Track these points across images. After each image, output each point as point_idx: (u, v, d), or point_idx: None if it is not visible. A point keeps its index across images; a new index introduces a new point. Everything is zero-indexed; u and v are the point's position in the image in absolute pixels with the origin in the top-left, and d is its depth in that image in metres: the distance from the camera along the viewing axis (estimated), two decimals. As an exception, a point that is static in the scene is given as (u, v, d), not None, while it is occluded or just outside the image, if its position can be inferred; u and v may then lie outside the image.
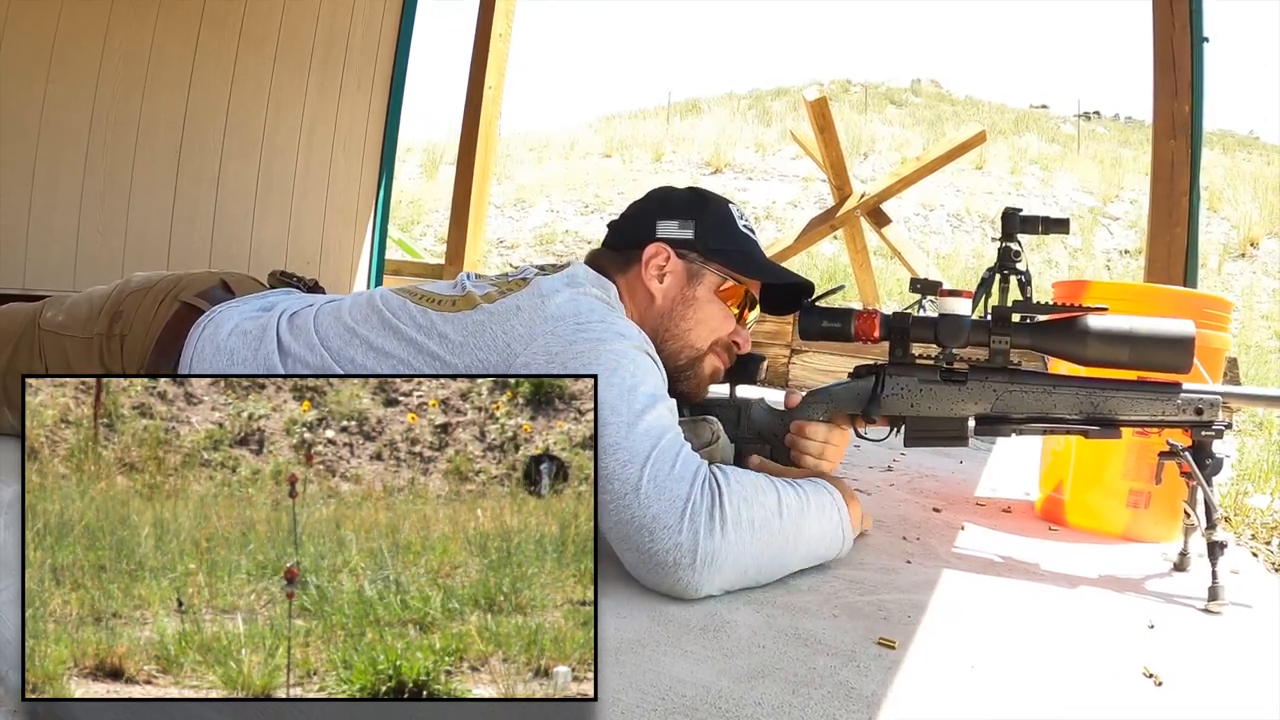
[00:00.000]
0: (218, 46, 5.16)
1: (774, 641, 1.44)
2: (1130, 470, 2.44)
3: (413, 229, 15.95)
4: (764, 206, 17.54)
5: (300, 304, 2.03)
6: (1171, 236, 5.10)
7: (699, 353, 2.01)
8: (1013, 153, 20.11)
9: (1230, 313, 2.50)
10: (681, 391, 1.98)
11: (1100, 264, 15.09)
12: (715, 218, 2.03)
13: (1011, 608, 1.79)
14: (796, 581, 1.77)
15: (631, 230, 2.06)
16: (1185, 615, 1.83)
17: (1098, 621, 1.75)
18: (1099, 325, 1.94)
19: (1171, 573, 2.15)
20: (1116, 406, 2.00)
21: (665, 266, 1.99)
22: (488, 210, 7.44)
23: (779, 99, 26.77)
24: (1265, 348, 11.47)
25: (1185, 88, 5.12)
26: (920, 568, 1.98)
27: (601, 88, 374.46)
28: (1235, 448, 4.27)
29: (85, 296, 2.14)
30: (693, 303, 1.99)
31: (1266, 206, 16.50)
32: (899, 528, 2.33)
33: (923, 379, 2.03)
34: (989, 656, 1.49)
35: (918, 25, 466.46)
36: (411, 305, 1.85)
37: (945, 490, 2.92)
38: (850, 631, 1.53)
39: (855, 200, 8.58)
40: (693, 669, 1.31)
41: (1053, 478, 2.64)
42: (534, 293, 1.75)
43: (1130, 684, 1.44)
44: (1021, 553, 2.20)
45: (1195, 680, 1.48)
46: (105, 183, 4.72)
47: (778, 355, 6.20)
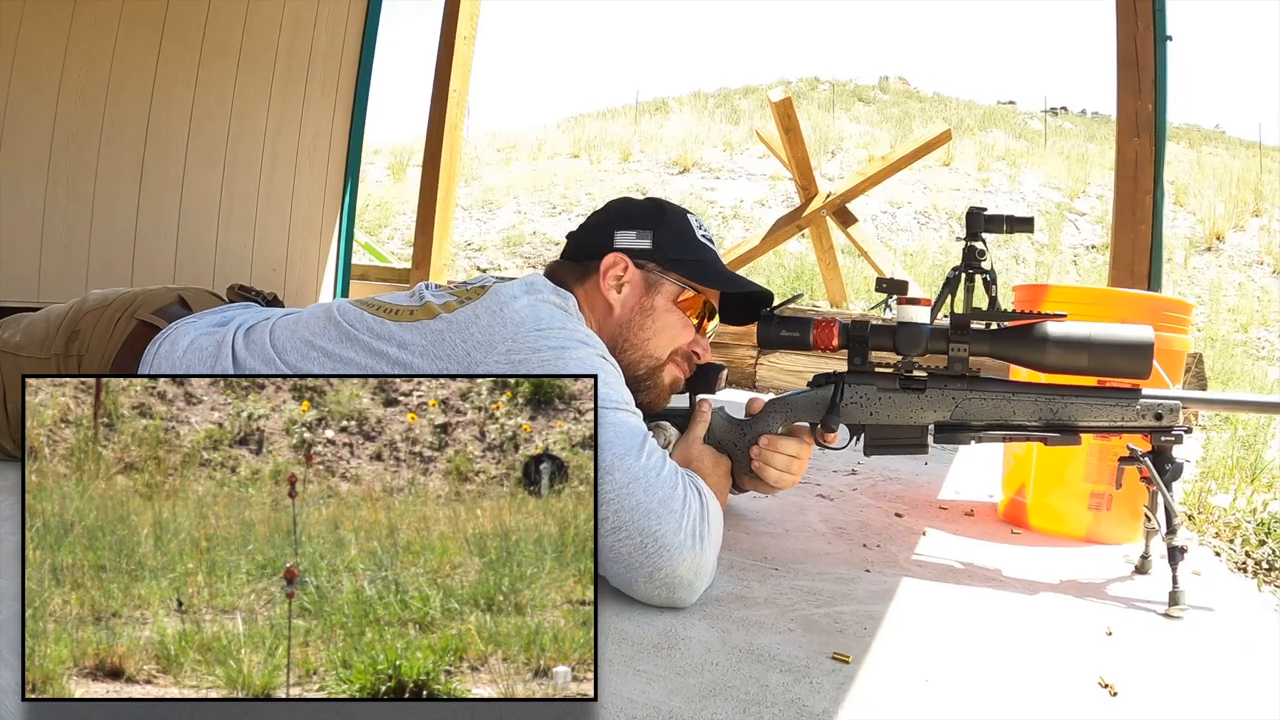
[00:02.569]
0: (180, 54, 5.12)
1: (727, 658, 1.44)
2: (1092, 473, 2.44)
3: (380, 232, 15.92)
4: (731, 206, 17.58)
5: (256, 318, 2.01)
6: (1136, 234, 5.13)
7: (658, 362, 2.01)
8: (980, 149, 20.23)
9: (1190, 314, 2.51)
10: (642, 402, 1.98)
11: (1067, 259, 15.19)
12: (673, 228, 2.02)
13: (969, 617, 1.78)
14: (754, 593, 1.76)
15: (590, 241, 2.05)
16: (1145, 621, 1.83)
17: (1056, 630, 1.75)
18: (1058, 332, 1.94)
19: (1133, 575, 2.15)
20: (1076, 413, 2.00)
21: (623, 277, 1.98)
22: (454, 213, 7.42)
23: (747, 97, 26.85)
24: (1231, 341, 11.57)
25: (1149, 86, 5.15)
26: (880, 576, 1.97)
27: (568, 87, 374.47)
28: (1201, 444, 4.29)
29: (42, 316, 2.12)
30: (651, 312, 1.99)
31: (1232, 200, 16.65)
32: (860, 534, 2.33)
33: (882, 387, 2.03)
34: (944, 669, 1.49)
35: (885, 23, 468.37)
36: (369, 316, 1.84)
37: (908, 494, 2.92)
38: (805, 646, 1.52)
39: (821, 200, 8.60)
40: (645, 688, 1.30)
41: (1015, 480, 2.64)
42: (492, 300, 1.74)
43: (1085, 695, 1.43)
44: (983, 558, 2.20)
45: (1150, 689, 1.48)
46: (68, 191, 4.68)
47: (744, 356, 6.21)
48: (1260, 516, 2.82)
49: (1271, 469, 3.68)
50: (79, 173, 4.74)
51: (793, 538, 2.22)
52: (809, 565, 1.99)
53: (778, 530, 1.97)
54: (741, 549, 2.07)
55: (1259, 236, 15.78)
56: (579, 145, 21.62)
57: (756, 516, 2.39)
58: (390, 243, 15.63)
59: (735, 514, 2.33)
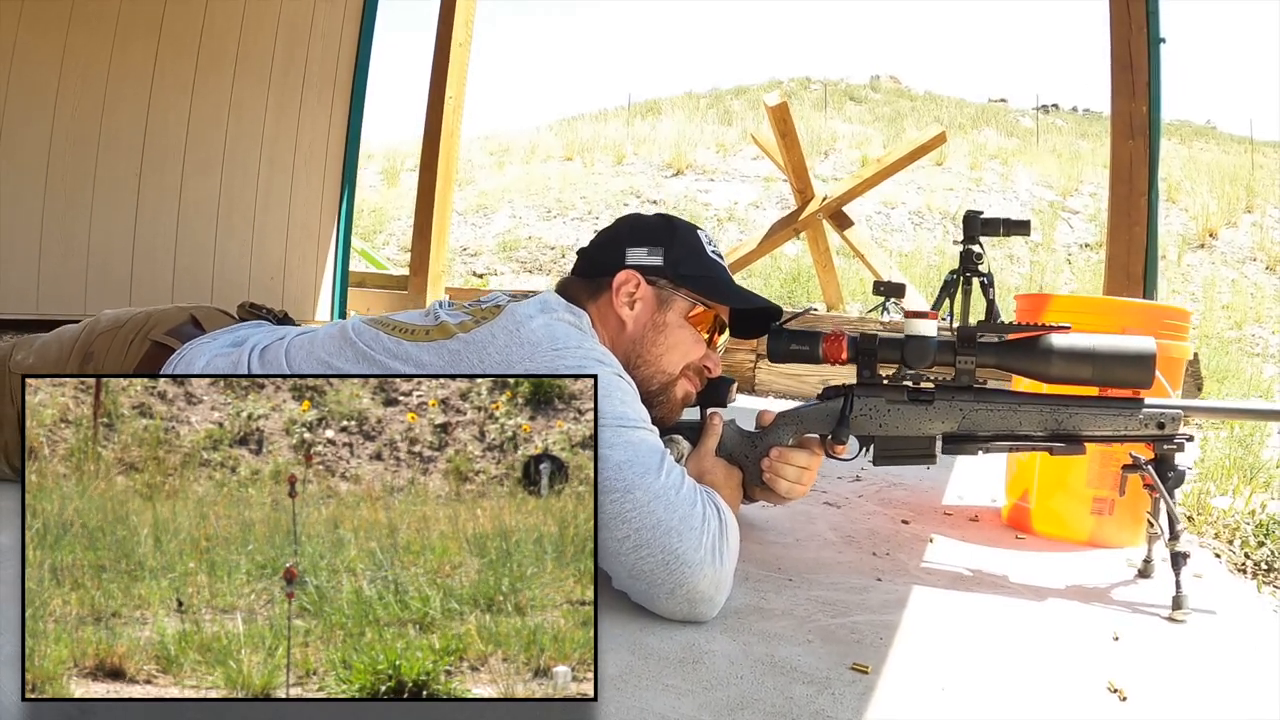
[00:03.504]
0: (176, 63, 5.15)
1: (752, 671, 1.47)
2: (1094, 478, 2.48)
3: (375, 238, 15.90)
4: (726, 208, 17.58)
5: (271, 338, 2.03)
6: (1131, 236, 5.16)
7: (670, 378, 2.03)
8: (972, 148, 20.26)
9: (1189, 322, 2.55)
10: (655, 417, 2.00)
11: (1061, 258, 15.22)
12: (684, 245, 2.05)
13: (981, 624, 1.82)
14: (771, 604, 1.80)
15: (601, 258, 2.07)
16: (1150, 625, 1.86)
17: (1064, 635, 1.79)
18: (1062, 344, 1.98)
19: (1136, 579, 2.19)
20: (1080, 423, 2.03)
21: (636, 293, 2.01)
22: (451, 219, 7.44)
23: (739, 98, 26.86)
24: (1226, 339, 11.60)
25: (1143, 88, 5.18)
26: (891, 585, 2.01)
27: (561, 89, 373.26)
28: (1199, 444, 4.32)
29: (54, 337, 2.14)
30: (663, 328, 2.01)
31: (1224, 197, 16.68)
32: (869, 542, 2.36)
33: (890, 399, 2.06)
34: (959, 677, 1.52)
35: (876, 22, 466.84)
36: (384, 336, 1.86)
37: (913, 500, 2.96)
38: (824, 657, 1.55)
39: (817, 203, 8.63)
40: (675, 703, 1.33)
41: (1019, 485, 2.68)
42: (508, 320, 1.76)
43: (1095, 700, 1.47)
44: (990, 564, 2.24)
45: (1158, 692, 1.51)
46: (65, 203, 4.70)
47: (743, 360, 6.24)
48: (1259, 518, 2.86)
49: (1269, 469, 3.72)
50: (77, 183, 4.76)
51: (804, 547, 2.26)
52: (822, 575, 2.02)
53: (789, 540, 2.01)
54: (755, 559, 2.10)
55: (1252, 233, 15.81)
56: (572, 148, 21.61)
57: (766, 526, 2.43)
58: (385, 249, 15.62)
59: (746, 523, 2.35)
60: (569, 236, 16.08)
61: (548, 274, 14.70)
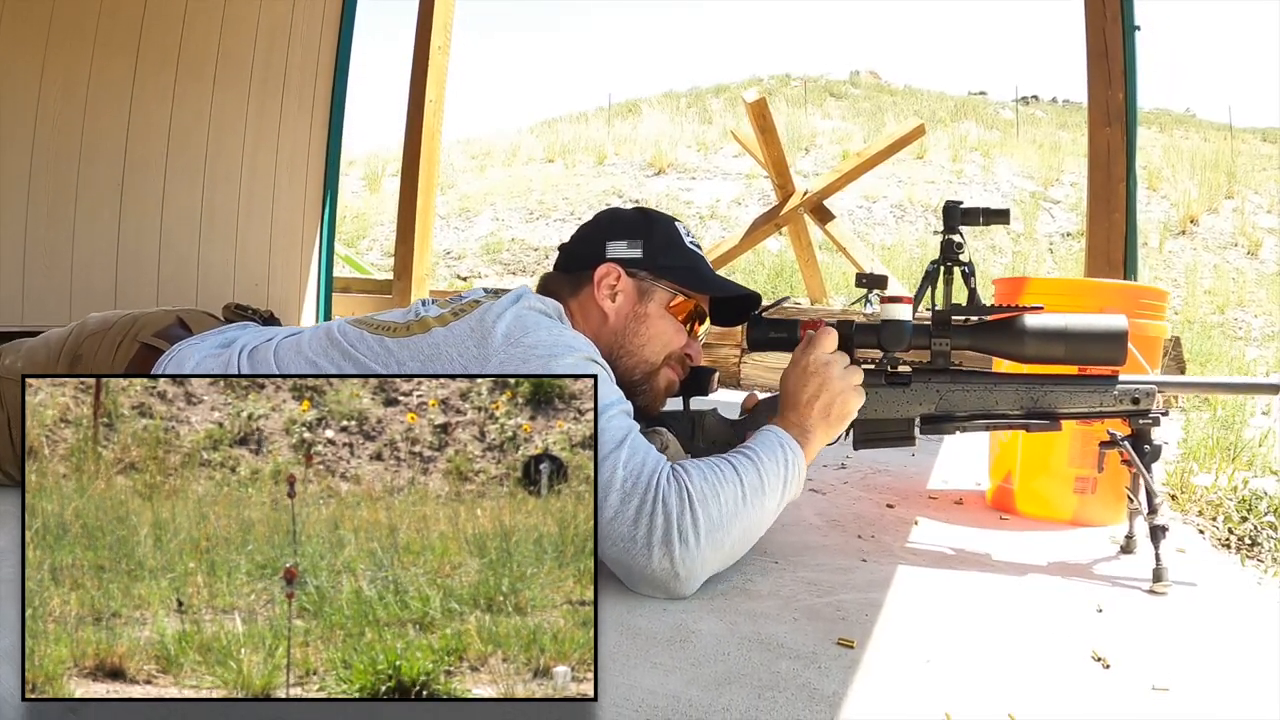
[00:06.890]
0: (156, 73, 5.14)
1: (738, 648, 1.49)
2: (1076, 458, 2.51)
3: (359, 243, 15.90)
4: (708, 206, 17.60)
5: (259, 338, 2.05)
6: (1110, 222, 5.20)
7: (653, 367, 2.05)
8: (953, 141, 20.30)
9: (1166, 301, 2.58)
10: (639, 406, 2.03)
11: (1043, 248, 15.28)
12: (663, 236, 2.07)
13: (965, 600, 1.85)
14: (756, 586, 1.82)
15: (582, 252, 2.10)
16: (1132, 597, 1.89)
17: (1047, 609, 1.81)
18: (1035, 324, 2.01)
19: (1119, 555, 2.22)
20: (1056, 400, 2.06)
21: (616, 286, 2.03)
22: (434, 223, 7.45)
23: (719, 96, 26.87)
24: (1208, 323, 11.67)
25: (1119, 76, 5.22)
26: (876, 566, 2.03)
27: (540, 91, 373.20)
28: (1181, 426, 4.35)
29: (42, 341, 2.16)
30: (645, 319, 2.04)
31: (1205, 183, 16.76)
32: (854, 526, 2.39)
33: (868, 383, 2.08)
34: (944, 650, 1.55)
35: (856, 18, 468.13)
36: (368, 335, 1.88)
37: (898, 485, 2.99)
38: (810, 634, 1.58)
39: (798, 198, 8.65)
40: (662, 679, 1.36)
41: (1002, 468, 2.71)
42: (483, 316, 1.78)
43: (1079, 668, 1.50)
44: (973, 544, 2.27)
45: (1141, 661, 1.54)
46: (48, 214, 4.69)
47: (728, 355, 6.27)
48: (1241, 494, 2.90)
49: (1251, 447, 3.76)
50: (59, 195, 4.75)
51: (789, 531, 2.28)
52: (807, 557, 2.05)
53: (774, 525, 2.02)
54: (741, 544, 2.12)
55: (1232, 219, 15.89)
56: (553, 150, 21.61)
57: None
58: (369, 254, 15.62)
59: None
60: (552, 238, 16.08)
61: (531, 275, 14.69)
